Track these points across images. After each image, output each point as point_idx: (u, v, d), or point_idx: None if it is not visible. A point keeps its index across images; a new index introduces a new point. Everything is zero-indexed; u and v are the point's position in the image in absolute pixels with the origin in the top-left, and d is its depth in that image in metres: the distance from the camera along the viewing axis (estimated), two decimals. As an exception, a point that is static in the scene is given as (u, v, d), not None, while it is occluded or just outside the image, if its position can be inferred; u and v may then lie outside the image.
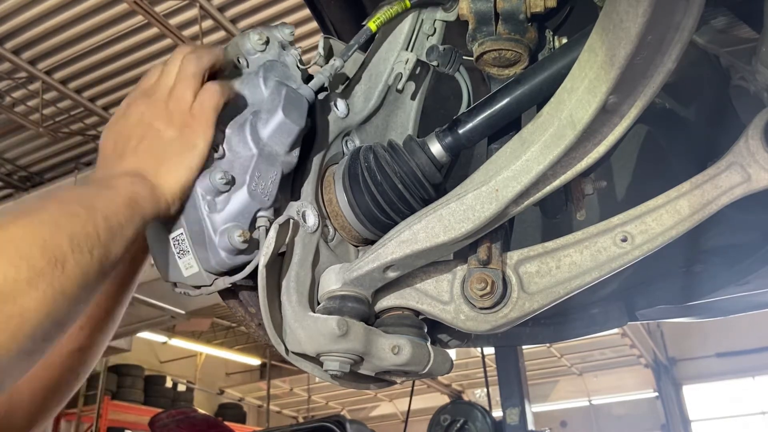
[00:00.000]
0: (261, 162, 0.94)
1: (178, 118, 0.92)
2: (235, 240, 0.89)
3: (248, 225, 0.92)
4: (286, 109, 0.95)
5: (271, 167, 0.95)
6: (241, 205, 0.92)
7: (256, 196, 0.93)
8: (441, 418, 3.56)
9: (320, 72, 1.05)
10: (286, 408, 17.49)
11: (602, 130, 0.93)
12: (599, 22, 0.84)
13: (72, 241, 0.76)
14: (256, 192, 0.93)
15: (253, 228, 0.93)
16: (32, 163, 9.58)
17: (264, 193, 0.94)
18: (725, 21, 1.31)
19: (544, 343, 6.93)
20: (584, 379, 16.06)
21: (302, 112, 0.98)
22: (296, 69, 1.04)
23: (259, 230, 0.93)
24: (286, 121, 0.95)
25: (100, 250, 0.79)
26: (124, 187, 0.86)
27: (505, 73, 1.14)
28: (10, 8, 6.78)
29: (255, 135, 0.95)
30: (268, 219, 0.94)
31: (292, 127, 0.95)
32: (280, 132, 0.95)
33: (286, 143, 0.96)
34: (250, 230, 0.92)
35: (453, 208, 0.95)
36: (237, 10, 7.07)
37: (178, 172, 0.91)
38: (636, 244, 0.99)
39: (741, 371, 14.01)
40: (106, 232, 0.80)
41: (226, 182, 0.91)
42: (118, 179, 0.88)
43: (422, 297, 1.03)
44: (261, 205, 0.93)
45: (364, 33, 1.09)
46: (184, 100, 0.93)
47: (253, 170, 0.93)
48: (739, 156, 1.01)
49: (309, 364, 0.98)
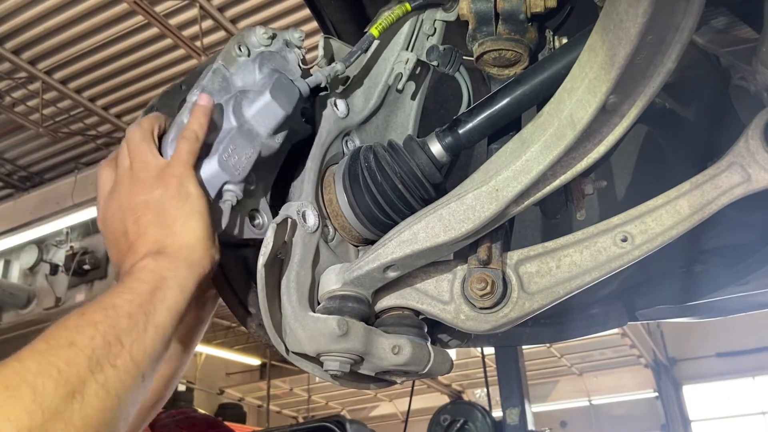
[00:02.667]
0: (238, 137, 0.94)
1: (154, 180, 0.90)
2: None
3: (214, 195, 0.92)
4: (275, 92, 0.95)
5: (248, 145, 0.94)
6: (209, 173, 0.92)
7: (227, 167, 0.92)
8: (441, 418, 3.57)
9: (319, 71, 1.05)
10: (286, 408, 17.48)
11: (602, 130, 0.93)
12: (599, 22, 0.84)
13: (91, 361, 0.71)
14: (227, 164, 0.92)
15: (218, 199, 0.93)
16: (32, 163, 9.59)
17: (235, 167, 0.93)
18: (725, 21, 1.31)
19: (544, 343, 6.94)
20: (584, 379, 16.05)
21: (291, 99, 0.97)
22: (297, 66, 1.05)
23: (224, 203, 0.92)
24: (273, 104, 0.95)
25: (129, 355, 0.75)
26: (148, 272, 0.82)
27: (505, 73, 1.14)
28: (10, 8, 6.78)
29: (238, 111, 0.95)
30: (235, 194, 0.93)
31: (277, 111, 0.95)
32: (264, 113, 0.95)
33: (270, 126, 0.96)
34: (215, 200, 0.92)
35: (453, 208, 0.95)
36: (237, 10, 7.07)
37: (191, 223, 0.87)
38: (636, 244, 0.99)
39: (741, 371, 14.00)
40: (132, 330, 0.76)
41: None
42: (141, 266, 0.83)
43: (422, 297, 1.03)
44: (230, 177, 0.93)
45: (366, 39, 1.09)
46: (148, 162, 0.91)
47: (228, 142, 0.93)
48: (739, 156, 1.01)
49: (309, 364, 0.98)
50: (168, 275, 0.83)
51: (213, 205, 0.92)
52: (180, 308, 0.83)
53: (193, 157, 0.91)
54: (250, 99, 0.96)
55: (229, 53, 1.01)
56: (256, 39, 1.03)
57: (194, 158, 0.91)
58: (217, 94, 0.97)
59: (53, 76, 7.92)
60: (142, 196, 0.89)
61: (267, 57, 1.01)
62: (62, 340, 0.72)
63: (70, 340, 0.72)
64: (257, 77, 0.99)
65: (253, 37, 1.03)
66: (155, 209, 0.88)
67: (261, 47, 1.03)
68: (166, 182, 0.89)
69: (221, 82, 0.99)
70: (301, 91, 1.00)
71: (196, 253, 0.87)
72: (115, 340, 0.74)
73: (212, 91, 0.97)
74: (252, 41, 1.03)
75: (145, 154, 0.92)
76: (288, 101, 0.97)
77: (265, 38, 1.03)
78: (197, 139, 0.92)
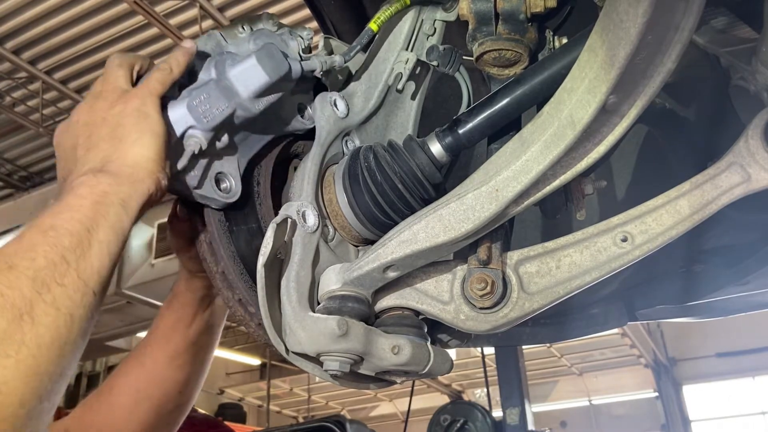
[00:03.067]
0: (213, 88, 0.94)
1: (118, 98, 0.89)
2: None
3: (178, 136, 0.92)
4: (261, 55, 0.95)
5: (223, 99, 0.94)
6: (176, 113, 0.92)
7: (194, 111, 0.92)
8: (441, 418, 3.57)
9: (316, 57, 1.05)
10: (286, 408, 17.48)
11: (602, 130, 0.93)
12: (599, 22, 0.84)
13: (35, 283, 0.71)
14: (196, 109, 0.92)
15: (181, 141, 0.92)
16: (32, 163, 9.58)
17: (204, 115, 0.92)
18: (725, 21, 1.31)
19: (544, 343, 6.94)
20: (584, 379, 16.05)
21: (277, 68, 0.97)
22: (296, 53, 1.05)
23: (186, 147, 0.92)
24: (257, 67, 0.95)
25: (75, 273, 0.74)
26: (88, 188, 0.81)
27: (505, 73, 1.14)
28: (10, 8, 6.78)
29: (220, 67, 0.96)
30: (199, 141, 0.93)
31: (260, 75, 0.95)
32: (246, 74, 0.95)
33: (250, 88, 0.95)
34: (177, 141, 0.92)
35: (453, 208, 0.95)
36: (237, 10, 7.07)
37: (143, 141, 0.86)
38: (636, 244, 0.99)
39: (741, 371, 14.00)
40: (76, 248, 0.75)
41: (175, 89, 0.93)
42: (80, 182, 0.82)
43: (422, 297, 1.03)
44: (196, 122, 0.92)
45: (366, 34, 1.09)
46: (116, 84, 0.91)
47: (202, 90, 0.93)
48: (739, 156, 1.01)
49: (309, 364, 0.98)
50: (109, 190, 0.81)
51: (175, 145, 0.91)
52: (123, 226, 0.82)
53: (162, 87, 0.91)
54: (235, 60, 0.96)
55: (232, 30, 1.03)
56: (262, 24, 1.04)
57: (163, 89, 0.91)
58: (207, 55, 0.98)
59: (53, 76, 7.93)
60: (101, 112, 0.89)
61: (266, 34, 1.02)
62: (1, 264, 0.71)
63: (9, 264, 0.71)
64: (250, 47, 1.00)
65: (260, 23, 1.04)
66: (111, 124, 0.87)
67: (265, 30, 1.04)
68: (127, 100, 0.89)
69: (214, 46, 1.00)
70: (292, 69, 1.00)
71: (141, 171, 0.85)
72: (59, 259, 0.74)
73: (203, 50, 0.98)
74: (257, 24, 1.04)
75: (116, 79, 0.92)
76: (273, 69, 0.96)
77: (270, 24, 1.04)
78: (170, 72, 0.92)
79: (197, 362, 1.27)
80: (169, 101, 0.93)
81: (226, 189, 0.99)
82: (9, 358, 0.66)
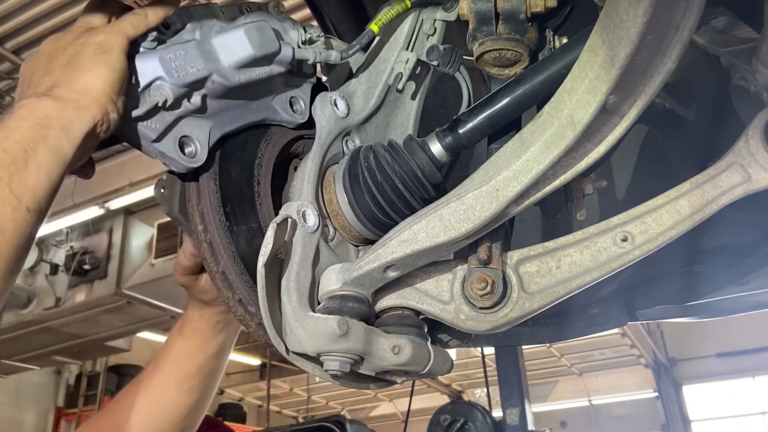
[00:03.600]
0: (193, 48, 0.93)
1: (86, 30, 0.88)
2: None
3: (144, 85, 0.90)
4: (249, 29, 0.95)
5: (201, 60, 0.93)
6: (147, 63, 0.90)
7: (165, 63, 0.90)
8: (441, 418, 3.57)
9: (311, 48, 1.05)
10: (286, 408, 17.48)
11: (602, 130, 0.93)
12: (599, 22, 0.84)
13: None
14: (168, 62, 0.90)
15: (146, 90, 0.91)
16: (32, 163, 9.58)
17: (176, 70, 0.91)
18: (725, 21, 1.31)
19: (544, 343, 6.94)
20: (584, 379, 16.05)
21: (265, 44, 0.96)
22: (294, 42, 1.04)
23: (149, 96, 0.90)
24: (243, 38, 0.94)
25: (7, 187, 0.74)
26: (28, 110, 0.80)
27: (505, 72, 1.14)
28: (10, 8, 6.78)
29: (206, 32, 0.95)
30: (164, 93, 0.91)
31: (245, 46, 0.94)
32: (231, 43, 0.94)
33: (233, 58, 0.94)
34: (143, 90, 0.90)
35: (453, 208, 0.95)
36: (237, 10, 7.07)
37: (97, 71, 0.84)
38: (636, 243, 0.99)
39: (741, 371, 14.00)
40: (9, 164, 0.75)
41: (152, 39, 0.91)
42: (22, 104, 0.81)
43: (422, 297, 1.03)
44: (165, 74, 0.90)
45: (366, 35, 1.09)
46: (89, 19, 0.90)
47: (180, 47, 0.92)
48: (739, 156, 1.01)
49: (309, 363, 0.98)
50: (50, 114, 0.80)
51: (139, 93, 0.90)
52: (63, 150, 0.80)
53: (132, 29, 0.89)
54: (223, 28, 0.95)
55: (234, 8, 1.01)
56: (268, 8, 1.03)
57: (133, 31, 0.89)
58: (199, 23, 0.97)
59: (53, 76, 7.92)
60: (67, 41, 0.88)
61: (264, 17, 1.01)
62: None
63: None
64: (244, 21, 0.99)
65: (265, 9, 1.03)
66: (70, 54, 0.87)
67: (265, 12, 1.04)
68: (93, 34, 0.88)
69: (207, 14, 0.98)
70: (282, 51, 0.99)
71: (88, 98, 0.83)
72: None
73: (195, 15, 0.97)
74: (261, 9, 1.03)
75: (90, 16, 0.91)
76: (260, 44, 0.95)
77: (276, 11, 1.03)
78: (144, 17, 0.91)
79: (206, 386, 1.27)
80: (144, 50, 0.91)
81: (191, 153, 0.96)
82: None
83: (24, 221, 0.75)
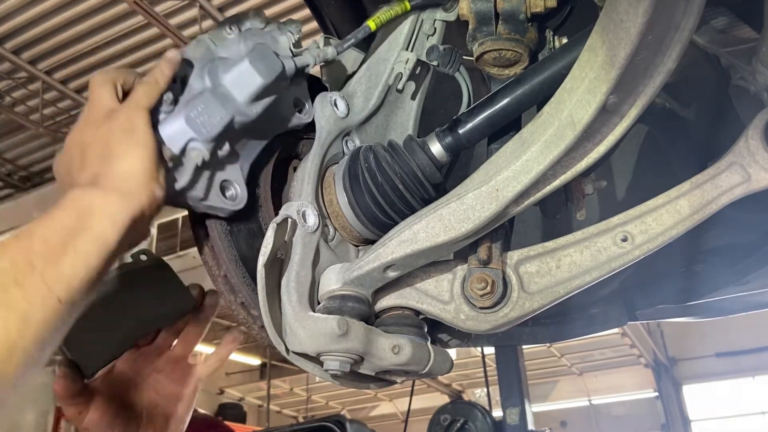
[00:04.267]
0: (210, 98, 0.93)
1: (105, 117, 0.88)
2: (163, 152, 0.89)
3: (177, 151, 0.91)
4: (253, 58, 0.94)
5: (221, 107, 0.93)
6: (174, 127, 0.91)
7: (193, 123, 0.90)
8: (441, 417, 3.57)
9: (308, 51, 1.05)
10: (286, 408, 17.48)
11: (602, 130, 0.93)
12: (599, 22, 0.84)
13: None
14: (194, 121, 0.91)
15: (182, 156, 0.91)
16: (32, 163, 9.59)
17: (203, 126, 0.91)
18: (725, 21, 1.31)
19: (544, 343, 6.94)
20: (584, 379, 16.05)
21: (271, 69, 0.96)
22: (287, 49, 1.04)
23: (188, 160, 0.91)
24: (251, 69, 0.94)
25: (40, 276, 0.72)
26: (73, 201, 0.80)
27: (505, 73, 1.14)
28: (10, 8, 6.79)
29: (213, 74, 0.94)
30: (201, 153, 0.91)
31: (255, 78, 0.94)
32: (241, 78, 0.94)
33: (246, 93, 0.94)
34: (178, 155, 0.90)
35: (453, 208, 0.95)
36: (237, 11, 7.05)
37: (132, 153, 0.85)
38: (636, 243, 0.99)
39: (741, 371, 14.00)
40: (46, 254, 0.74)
41: (169, 102, 0.91)
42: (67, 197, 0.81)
43: (422, 296, 1.03)
44: (196, 134, 0.91)
45: (362, 30, 1.09)
46: (103, 103, 0.89)
47: (199, 101, 0.92)
48: (739, 156, 1.01)
49: (309, 363, 0.99)
50: (95, 203, 0.80)
51: (177, 159, 0.90)
52: (108, 238, 0.80)
53: (148, 99, 0.89)
54: (228, 64, 0.95)
55: (220, 32, 1.01)
56: (249, 23, 1.03)
57: (149, 101, 0.89)
58: (198, 62, 0.97)
59: (53, 76, 7.93)
60: (90, 134, 0.88)
61: (255, 33, 1.01)
62: None
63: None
64: (241, 49, 0.99)
65: (246, 21, 1.03)
66: (100, 143, 0.86)
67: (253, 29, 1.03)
68: (115, 117, 0.87)
69: (204, 52, 0.98)
70: (285, 67, 0.99)
71: (132, 183, 0.83)
72: (23, 262, 0.72)
73: (192, 57, 0.97)
74: (244, 24, 1.03)
75: (101, 96, 0.90)
76: (267, 70, 0.95)
77: (257, 22, 1.03)
78: (156, 84, 0.90)
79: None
80: (166, 115, 0.92)
81: (232, 196, 0.98)
82: None
83: (53, 312, 0.73)
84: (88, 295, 0.79)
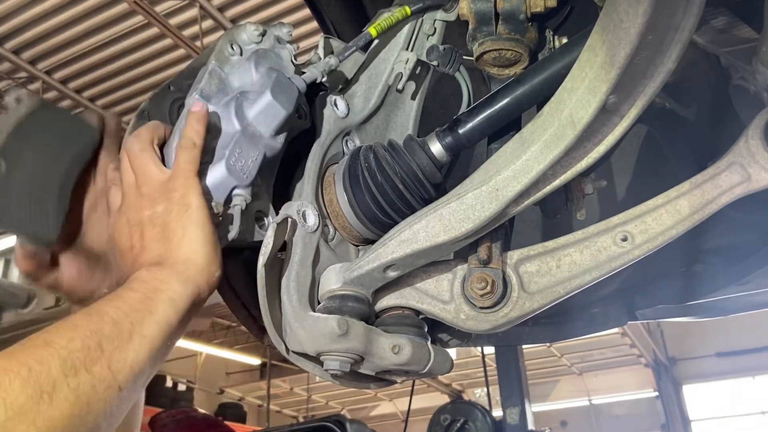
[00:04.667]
0: (243, 140, 0.94)
1: (158, 193, 0.89)
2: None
3: (223, 201, 0.93)
4: (275, 91, 0.96)
5: (254, 147, 0.95)
6: (217, 179, 0.92)
7: (234, 172, 0.93)
8: (441, 417, 3.56)
9: (314, 66, 1.05)
10: (286, 408, 17.49)
11: (602, 129, 0.93)
12: (599, 22, 0.84)
13: (65, 364, 0.69)
14: (235, 168, 0.93)
15: (228, 205, 0.93)
16: (32, 162, 9.57)
17: (243, 171, 0.93)
18: (725, 21, 1.31)
19: (544, 343, 6.93)
20: (584, 378, 16.06)
21: (291, 97, 0.98)
22: (290, 63, 1.05)
23: (233, 208, 0.93)
24: (274, 103, 0.95)
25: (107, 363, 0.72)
26: (140, 282, 0.82)
27: (505, 73, 1.14)
28: (10, 8, 6.79)
29: (240, 113, 0.95)
30: (244, 198, 0.94)
31: (279, 110, 0.96)
32: (266, 113, 0.95)
33: (272, 126, 0.96)
34: (225, 206, 0.92)
35: (453, 208, 0.95)
36: (237, 10, 7.07)
37: (189, 235, 0.87)
38: (636, 243, 0.99)
39: (741, 371, 14.00)
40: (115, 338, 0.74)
41: (207, 157, 0.92)
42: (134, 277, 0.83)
43: (422, 296, 1.03)
44: (238, 181, 0.93)
45: (363, 37, 1.09)
46: (150, 175, 0.90)
47: (234, 146, 0.93)
48: (739, 156, 1.01)
49: (309, 363, 0.99)
50: (161, 287, 0.82)
51: (224, 211, 0.92)
52: (170, 323, 0.81)
53: (193, 165, 0.90)
54: (251, 100, 0.96)
55: (222, 53, 1.01)
56: (247, 36, 1.04)
57: (194, 166, 0.90)
58: (216, 97, 0.98)
59: (53, 76, 7.93)
60: (147, 210, 0.89)
61: (261, 55, 1.02)
62: (39, 340, 0.71)
63: (47, 340, 0.70)
64: (254, 77, 1.00)
65: (243, 34, 1.04)
66: (159, 224, 0.88)
67: (253, 45, 1.04)
68: (169, 196, 0.88)
69: (218, 84, 0.99)
70: (299, 89, 1.00)
71: (192, 269, 0.85)
72: (95, 345, 0.72)
73: (210, 94, 0.97)
74: (243, 39, 1.04)
75: (145, 166, 0.91)
76: (288, 100, 0.97)
77: (255, 35, 1.04)
78: (194, 146, 0.91)
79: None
80: (204, 166, 0.92)
81: (265, 226, 1.00)
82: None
83: (113, 401, 0.73)
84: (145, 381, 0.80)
